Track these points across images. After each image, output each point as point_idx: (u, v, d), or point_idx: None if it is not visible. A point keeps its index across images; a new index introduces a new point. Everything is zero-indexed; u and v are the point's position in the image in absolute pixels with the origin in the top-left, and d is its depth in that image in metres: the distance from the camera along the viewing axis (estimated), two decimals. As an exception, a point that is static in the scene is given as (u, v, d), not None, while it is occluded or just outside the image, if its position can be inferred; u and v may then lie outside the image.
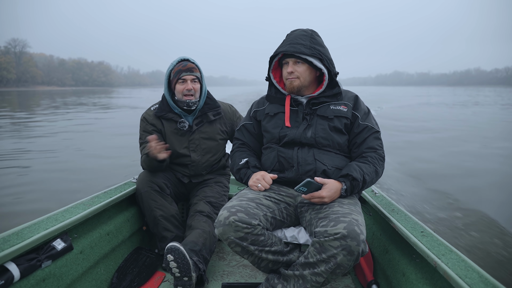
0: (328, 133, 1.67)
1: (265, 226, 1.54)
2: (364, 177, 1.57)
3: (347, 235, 1.31)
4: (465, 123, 14.41)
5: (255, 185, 1.67)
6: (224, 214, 1.47)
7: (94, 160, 7.35)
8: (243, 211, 1.48)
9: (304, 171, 1.65)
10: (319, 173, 1.63)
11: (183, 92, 2.19)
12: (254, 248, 1.49)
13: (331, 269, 1.37)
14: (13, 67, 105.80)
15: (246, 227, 1.45)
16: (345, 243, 1.32)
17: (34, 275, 1.46)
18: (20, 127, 13.17)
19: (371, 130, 1.69)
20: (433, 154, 7.99)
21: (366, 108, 1.75)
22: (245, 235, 1.46)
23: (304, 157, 1.66)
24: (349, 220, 1.36)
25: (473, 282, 1.18)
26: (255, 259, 1.54)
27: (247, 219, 1.46)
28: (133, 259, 2.11)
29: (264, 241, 1.51)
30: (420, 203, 4.58)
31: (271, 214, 1.59)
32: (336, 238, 1.33)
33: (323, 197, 1.51)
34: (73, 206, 1.83)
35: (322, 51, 1.66)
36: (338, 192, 1.56)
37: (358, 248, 1.33)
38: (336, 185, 1.55)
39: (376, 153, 1.67)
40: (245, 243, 1.47)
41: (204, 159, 2.32)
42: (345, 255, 1.33)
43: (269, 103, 1.84)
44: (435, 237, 1.55)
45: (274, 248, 1.54)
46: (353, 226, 1.33)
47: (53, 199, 4.89)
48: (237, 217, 1.45)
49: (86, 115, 18.28)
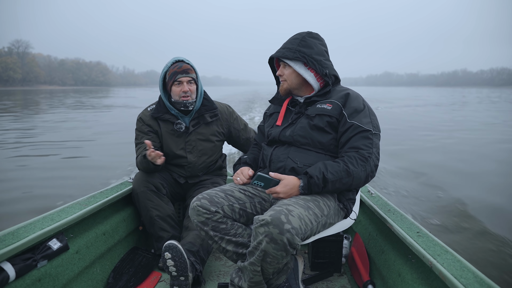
0: (307, 131, 1.66)
1: (231, 216, 1.62)
2: (325, 176, 1.51)
3: (270, 222, 1.32)
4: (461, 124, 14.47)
5: (235, 178, 1.78)
6: (193, 200, 1.61)
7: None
8: (207, 198, 1.60)
9: (275, 168, 1.68)
10: (287, 171, 1.64)
11: (179, 94, 2.18)
12: (213, 234, 1.58)
13: (260, 257, 1.38)
14: (19, 67, 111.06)
15: (206, 212, 1.56)
16: (268, 230, 1.32)
17: (30, 275, 1.45)
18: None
19: (358, 128, 1.59)
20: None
21: (361, 105, 1.66)
22: (206, 220, 1.57)
23: (278, 155, 1.70)
24: (280, 209, 1.36)
25: (468, 282, 1.18)
26: (219, 247, 1.62)
27: (208, 205, 1.57)
28: (129, 259, 2.11)
29: (225, 229, 1.59)
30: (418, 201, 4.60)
31: (239, 206, 1.65)
32: (261, 225, 1.34)
33: (277, 192, 1.53)
34: (69, 206, 1.83)
35: (308, 53, 1.66)
36: (295, 189, 1.54)
37: (282, 237, 1.30)
38: (293, 182, 1.54)
39: (358, 153, 1.56)
40: (206, 228, 1.58)
41: (200, 161, 2.32)
42: (268, 242, 1.33)
43: (273, 104, 1.92)
44: (431, 238, 1.56)
45: (237, 239, 1.60)
46: (279, 214, 1.33)
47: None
48: (200, 202, 1.58)
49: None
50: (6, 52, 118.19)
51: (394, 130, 11.72)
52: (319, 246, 2.06)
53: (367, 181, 1.61)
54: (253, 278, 1.47)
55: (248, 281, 1.49)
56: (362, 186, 1.66)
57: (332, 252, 2.08)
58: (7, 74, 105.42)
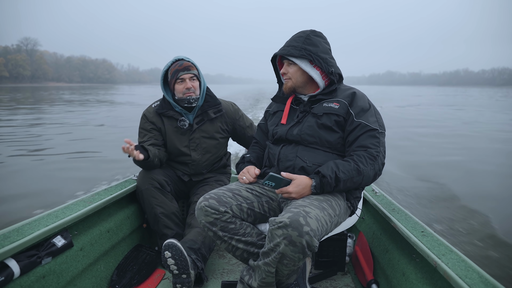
0: (315, 130, 1.65)
1: (239, 216, 1.61)
2: (337, 175, 1.51)
3: (289, 224, 1.31)
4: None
5: (241, 177, 1.76)
6: (200, 200, 1.59)
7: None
8: (215, 198, 1.58)
9: (283, 167, 1.67)
10: (297, 170, 1.63)
11: (183, 91, 2.19)
12: (222, 234, 1.57)
13: (276, 259, 1.37)
14: (29, 64, 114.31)
15: (214, 213, 1.55)
16: (286, 232, 1.31)
17: (34, 271, 1.46)
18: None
19: (365, 127, 1.60)
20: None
21: (367, 105, 1.67)
22: (214, 220, 1.56)
23: (286, 154, 1.68)
24: (298, 211, 1.35)
25: (473, 283, 1.17)
26: (228, 247, 1.61)
27: (217, 205, 1.56)
28: (133, 256, 2.12)
29: (234, 229, 1.58)
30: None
31: (248, 205, 1.64)
32: (279, 227, 1.33)
33: (289, 192, 1.52)
34: (73, 203, 1.84)
35: (314, 51, 1.65)
36: (307, 188, 1.53)
37: (301, 239, 1.30)
38: (305, 181, 1.54)
39: (366, 152, 1.57)
40: (214, 228, 1.57)
41: (204, 158, 2.32)
42: (286, 244, 1.32)
43: (275, 103, 1.90)
44: (436, 237, 1.54)
45: (246, 238, 1.60)
46: (298, 216, 1.32)
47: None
48: (208, 202, 1.56)
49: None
50: (14, 50, 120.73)
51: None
52: (323, 245, 2.05)
53: (375, 179, 1.62)
54: (265, 278, 1.46)
55: (259, 281, 1.48)
56: (369, 184, 1.66)
57: (336, 251, 2.07)
58: (16, 71, 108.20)
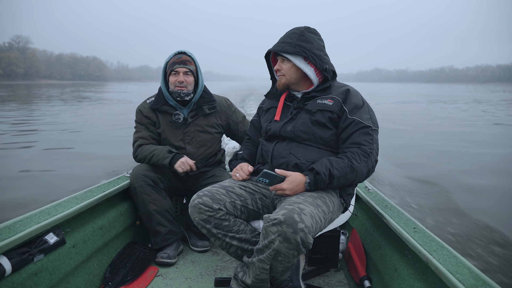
0: (309, 127, 1.66)
1: (233, 213, 1.62)
2: (331, 172, 1.52)
3: (284, 221, 1.31)
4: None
5: (234, 174, 1.76)
6: (193, 197, 1.60)
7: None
8: (209, 196, 1.59)
9: (277, 164, 1.67)
10: (291, 167, 1.64)
11: (175, 83, 2.20)
12: (216, 231, 1.58)
13: (271, 256, 1.38)
14: (22, 62, 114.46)
15: (208, 210, 1.56)
16: (281, 229, 1.32)
17: (26, 268, 1.45)
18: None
19: (359, 124, 1.61)
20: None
21: (361, 102, 1.68)
22: (208, 217, 1.57)
23: (280, 151, 1.69)
24: (292, 208, 1.36)
25: (463, 278, 1.19)
26: (222, 244, 1.62)
27: (210, 203, 1.56)
28: (126, 253, 2.11)
29: (228, 227, 1.59)
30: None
31: (241, 202, 1.65)
32: (274, 224, 1.34)
33: (283, 189, 1.53)
34: (66, 200, 1.82)
35: (308, 48, 1.65)
36: (301, 185, 1.54)
37: (295, 236, 1.31)
38: (299, 178, 1.54)
39: (360, 149, 1.57)
40: (208, 226, 1.58)
41: (199, 152, 2.32)
42: (281, 241, 1.33)
43: (269, 99, 1.89)
44: (427, 233, 1.57)
45: (240, 235, 1.61)
46: (292, 213, 1.33)
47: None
48: (201, 200, 1.57)
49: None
50: (6, 47, 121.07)
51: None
52: (316, 242, 2.06)
53: (368, 176, 1.63)
54: (259, 275, 1.47)
55: (253, 277, 1.49)
56: (362, 181, 1.67)
57: (329, 247, 2.09)
58: (10, 68, 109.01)
